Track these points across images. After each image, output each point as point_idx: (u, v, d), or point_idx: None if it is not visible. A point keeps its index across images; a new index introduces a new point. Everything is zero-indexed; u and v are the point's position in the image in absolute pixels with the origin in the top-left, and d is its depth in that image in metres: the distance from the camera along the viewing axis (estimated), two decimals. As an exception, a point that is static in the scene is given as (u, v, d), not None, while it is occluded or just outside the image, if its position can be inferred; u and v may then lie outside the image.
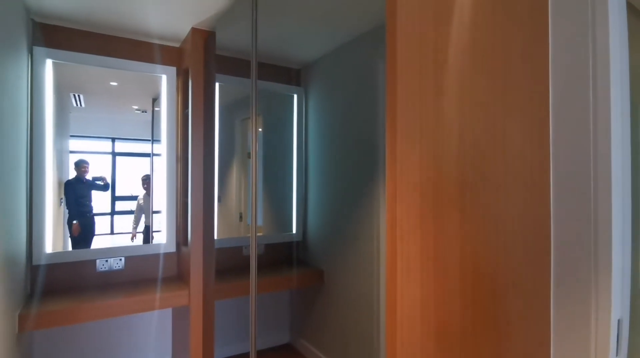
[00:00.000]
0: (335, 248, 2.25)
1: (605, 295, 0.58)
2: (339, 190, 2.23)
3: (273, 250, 2.50)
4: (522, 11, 0.69)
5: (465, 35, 0.79)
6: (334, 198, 2.27)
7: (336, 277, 2.24)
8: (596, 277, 0.59)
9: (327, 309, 2.30)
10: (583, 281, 0.60)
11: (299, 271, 2.32)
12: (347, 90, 2.16)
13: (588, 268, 0.59)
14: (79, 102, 2.43)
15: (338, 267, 2.22)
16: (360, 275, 2.03)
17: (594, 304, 0.59)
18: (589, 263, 0.59)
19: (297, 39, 2.18)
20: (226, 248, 2.37)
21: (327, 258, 2.32)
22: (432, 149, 0.85)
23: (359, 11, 1.80)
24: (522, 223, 0.67)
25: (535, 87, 0.66)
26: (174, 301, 1.99)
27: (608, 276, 0.58)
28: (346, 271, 2.15)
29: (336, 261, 2.24)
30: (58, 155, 2.06)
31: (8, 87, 1.46)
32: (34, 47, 1.88)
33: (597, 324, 0.58)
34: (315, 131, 2.50)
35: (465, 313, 0.77)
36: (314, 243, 2.47)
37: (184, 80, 2.21)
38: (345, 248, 2.16)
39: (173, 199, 2.26)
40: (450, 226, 0.80)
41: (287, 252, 2.58)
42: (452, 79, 0.82)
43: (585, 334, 0.59)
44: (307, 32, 2.08)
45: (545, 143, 0.64)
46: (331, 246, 2.29)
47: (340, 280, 2.20)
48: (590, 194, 0.59)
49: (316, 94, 2.49)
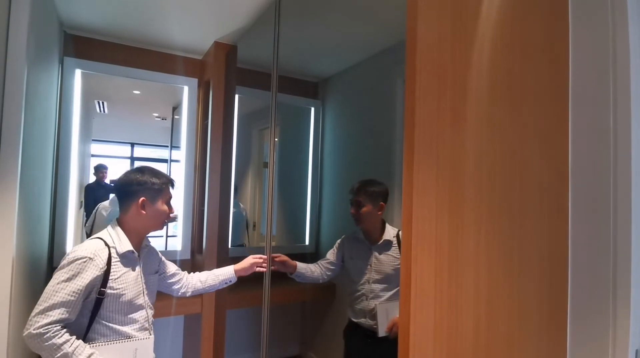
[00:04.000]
0: (347, 261, 2.25)
1: (624, 325, 0.57)
2: (352, 204, 2.24)
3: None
4: (542, 40, 0.70)
5: (484, 62, 0.80)
6: (348, 212, 2.28)
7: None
8: (614, 306, 0.58)
9: (338, 324, 2.30)
10: (601, 310, 0.59)
11: (311, 284, 2.33)
12: (364, 105, 2.18)
13: (606, 296, 0.59)
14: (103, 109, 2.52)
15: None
16: (371, 290, 2.02)
17: (611, 333, 0.58)
18: (607, 292, 0.59)
19: (317, 53, 2.22)
20: (239, 257, 2.40)
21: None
22: (448, 173, 0.86)
23: (378, 27, 1.83)
24: (538, 251, 0.68)
25: (555, 114, 0.66)
26: (187, 308, 2.02)
27: (627, 307, 0.58)
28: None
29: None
30: (80, 159, 2.13)
31: (41, 96, 1.53)
32: (64, 57, 1.96)
33: (614, 354, 0.58)
34: (330, 144, 2.53)
35: (479, 340, 0.77)
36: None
37: (205, 91, 2.27)
38: (357, 262, 2.15)
39: (190, 206, 2.31)
40: (466, 252, 0.81)
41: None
42: (470, 105, 0.83)
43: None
44: (327, 48, 2.12)
45: (564, 170, 0.65)
46: (343, 259, 2.28)
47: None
48: (609, 224, 0.59)
49: (333, 108, 2.52)
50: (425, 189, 0.91)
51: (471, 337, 0.79)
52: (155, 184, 1.31)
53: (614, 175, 0.59)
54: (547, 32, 0.69)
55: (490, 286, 0.75)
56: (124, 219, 1.31)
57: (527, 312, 0.69)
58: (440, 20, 0.90)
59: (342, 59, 2.26)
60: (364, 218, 1.60)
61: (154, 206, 1.31)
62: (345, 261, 1.74)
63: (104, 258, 1.20)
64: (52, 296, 1.10)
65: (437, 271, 0.87)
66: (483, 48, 0.81)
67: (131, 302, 1.26)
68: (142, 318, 1.30)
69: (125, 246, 1.27)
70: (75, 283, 1.13)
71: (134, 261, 1.30)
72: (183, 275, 1.56)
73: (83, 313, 1.18)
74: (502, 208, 0.74)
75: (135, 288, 1.28)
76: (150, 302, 1.36)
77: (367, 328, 1.59)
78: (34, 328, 1.06)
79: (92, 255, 1.18)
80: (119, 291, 1.22)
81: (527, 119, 0.71)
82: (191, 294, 1.54)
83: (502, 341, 0.73)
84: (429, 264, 0.89)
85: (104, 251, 1.22)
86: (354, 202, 1.63)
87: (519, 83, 0.73)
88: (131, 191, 1.29)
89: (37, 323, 1.07)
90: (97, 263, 1.18)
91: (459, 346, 0.81)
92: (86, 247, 1.20)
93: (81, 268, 1.15)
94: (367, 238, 1.64)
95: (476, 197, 0.79)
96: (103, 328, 1.21)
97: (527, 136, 0.71)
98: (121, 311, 1.24)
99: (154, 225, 1.35)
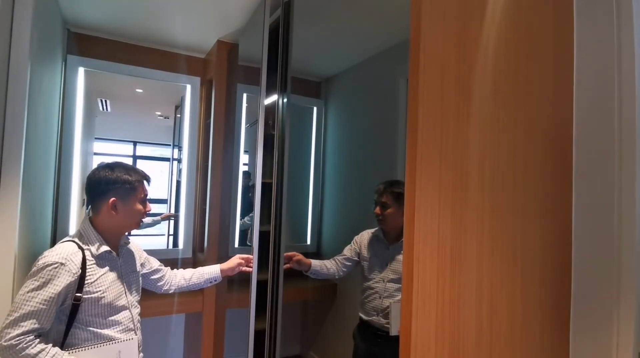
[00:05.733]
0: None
1: (627, 326, 0.57)
2: (355, 204, 2.24)
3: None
4: (546, 40, 0.70)
5: (489, 62, 0.80)
6: (350, 212, 2.28)
7: (349, 292, 2.23)
8: (618, 307, 0.58)
9: (339, 324, 2.30)
10: (604, 310, 0.59)
11: (312, 283, 2.33)
12: (366, 105, 2.18)
13: (610, 297, 0.59)
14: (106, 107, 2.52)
15: (351, 282, 2.22)
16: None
17: (615, 334, 0.58)
18: (611, 293, 0.59)
19: (320, 53, 2.22)
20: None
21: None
22: (451, 173, 0.86)
23: (381, 26, 1.83)
24: (541, 251, 0.67)
25: (559, 114, 0.66)
26: (189, 307, 2.02)
27: (631, 307, 0.58)
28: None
29: (350, 276, 2.24)
30: (83, 157, 2.13)
31: (44, 94, 1.54)
32: (68, 55, 1.97)
33: (617, 355, 0.58)
34: (333, 143, 2.53)
35: (481, 340, 0.77)
36: (329, 255, 2.48)
37: (208, 90, 2.27)
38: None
39: (192, 205, 2.31)
40: (468, 252, 0.81)
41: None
42: (474, 106, 0.83)
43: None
44: (329, 47, 2.12)
45: (568, 170, 0.64)
46: (344, 259, 2.28)
47: (353, 295, 2.19)
48: (613, 224, 0.59)
49: (336, 108, 2.52)
50: (428, 188, 0.91)
51: (473, 336, 0.79)
52: (127, 182, 1.22)
53: (618, 175, 0.59)
54: (552, 33, 0.69)
55: (493, 286, 0.75)
56: (96, 220, 1.22)
57: (530, 312, 0.69)
58: (445, 19, 0.90)
59: (344, 58, 2.26)
60: (388, 218, 1.62)
61: (126, 207, 1.22)
62: (361, 257, 1.76)
63: (77, 262, 1.12)
64: (22, 306, 1.04)
65: (440, 271, 0.87)
66: (487, 48, 0.80)
67: (112, 304, 1.19)
68: (125, 319, 1.23)
69: (101, 247, 1.19)
70: (47, 291, 1.06)
71: (113, 260, 1.23)
72: (166, 271, 1.50)
73: (60, 319, 1.12)
74: (505, 208, 0.74)
75: (116, 289, 1.21)
76: (134, 301, 1.30)
77: (378, 327, 1.60)
78: (5, 340, 1.01)
79: (64, 260, 1.10)
80: (98, 294, 1.15)
81: (531, 119, 0.71)
82: (174, 291, 1.50)
83: (504, 341, 0.73)
84: (431, 263, 0.89)
85: (77, 255, 1.14)
86: (379, 203, 1.65)
87: (523, 83, 0.73)
88: (100, 190, 1.20)
89: (8, 334, 1.01)
90: (70, 268, 1.10)
91: (461, 346, 0.81)
92: (57, 252, 1.12)
93: (52, 275, 1.07)
94: (387, 237, 1.66)
95: (479, 197, 0.79)
96: (83, 332, 1.14)
97: (531, 136, 0.71)
98: (101, 315, 1.17)
99: (128, 225, 1.27)
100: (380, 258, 1.65)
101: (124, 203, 1.22)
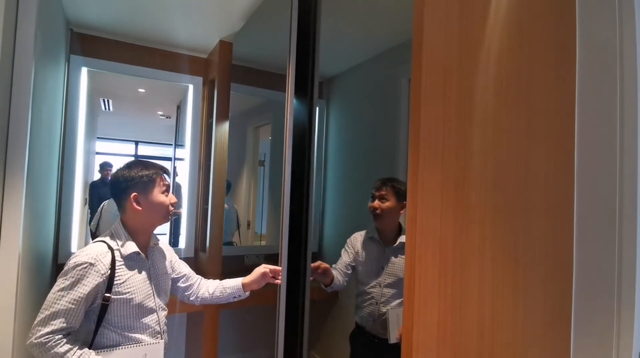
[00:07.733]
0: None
1: (628, 327, 0.57)
2: (356, 204, 2.24)
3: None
4: (549, 41, 0.70)
5: (491, 62, 0.80)
6: (352, 212, 2.28)
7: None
8: (619, 308, 0.58)
9: (341, 324, 2.30)
10: (605, 311, 0.59)
11: (313, 283, 2.33)
12: (368, 106, 2.18)
13: (611, 298, 0.59)
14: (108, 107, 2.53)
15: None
16: (374, 290, 2.02)
17: (615, 334, 0.58)
18: (612, 293, 0.59)
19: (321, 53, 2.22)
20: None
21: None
22: (453, 173, 0.86)
23: (383, 27, 1.83)
24: (543, 252, 0.68)
25: (561, 115, 0.66)
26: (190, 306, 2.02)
27: (631, 308, 0.58)
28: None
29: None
30: (85, 156, 2.14)
31: (48, 94, 1.54)
32: (71, 55, 1.98)
33: (617, 355, 0.58)
34: (334, 143, 2.53)
35: (483, 341, 0.77)
36: (330, 256, 2.48)
37: (210, 90, 2.27)
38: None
39: (194, 205, 2.32)
40: (470, 253, 0.81)
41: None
42: (476, 105, 0.83)
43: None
44: (331, 47, 2.12)
45: (570, 171, 0.65)
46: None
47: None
48: (615, 225, 0.59)
49: (337, 108, 2.52)
50: (430, 188, 0.91)
51: (475, 337, 0.79)
52: (145, 176, 1.24)
53: (619, 176, 0.59)
54: (555, 33, 0.69)
55: (495, 287, 0.76)
56: (125, 219, 1.26)
57: (532, 313, 0.69)
58: (447, 20, 0.90)
59: (346, 58, 2.26)
60: (385, 214, 1.49)
61: (148, 200, 1.24)
62: (355, 261, 1.66)
63: (106, 262, 1.15)
64: (53, 305, 1.07)
65: (441, 271, 0.87)
66: (490, 49, 0.81)
67: (141, 305, 1.21)
68: (153, 321, 1.24)
69: (129, 247, 1.21)
70: (77, 291, 1.09)
71: (141, 262, 1.25)
72: (196, 280, 1.46)
73: (90, 318, 1.15)
74: (507, 209, 0.74)
75: (144, 291, 1.22)
76: (162, 304, 1.31)
77: (374, 334, 1.52)
78: (35, 337, 1.04)
79: (94, 261, 1.13)
80: (127, 295, 1.17)
81: (534, 120, 0.71)
82: (199, 303, 1.45)
83: (506, 342, 0.73)
84: (433, 264, 0.89)
85: (107, 255, 1.16)
86: (377, 196, 1.51)
87: (526, 84, 0.73)
88: (121, 188, 1.23)
89: (38, 332, 1.04)
90: (99, 268, 1.13)
91: (463, 347, 0.81)
92: (88, 252, 1.15)
93: (82, 275, 1.10)
94: (383, 238, 1.55)
95: (481, 197, 0.79)
96: (112, 333, 1.17)
97: (533, 137, 0.71)
98: (131, 316, 1.19)
99: (156, 219, 1.28)
100: (376, 262, 1.56)
101: (145, 196, 1.24)
